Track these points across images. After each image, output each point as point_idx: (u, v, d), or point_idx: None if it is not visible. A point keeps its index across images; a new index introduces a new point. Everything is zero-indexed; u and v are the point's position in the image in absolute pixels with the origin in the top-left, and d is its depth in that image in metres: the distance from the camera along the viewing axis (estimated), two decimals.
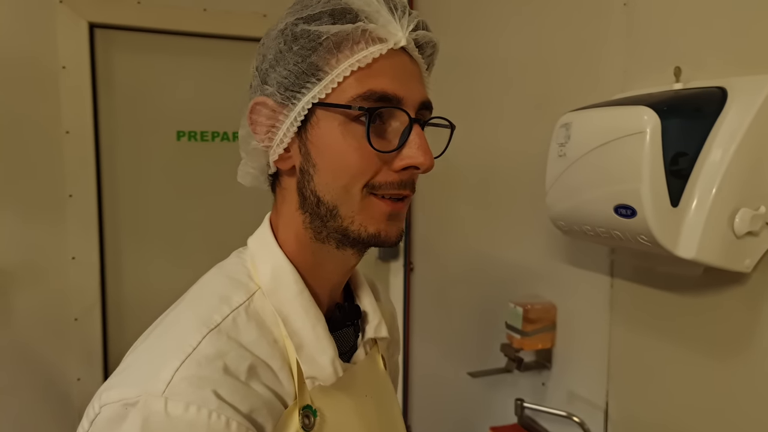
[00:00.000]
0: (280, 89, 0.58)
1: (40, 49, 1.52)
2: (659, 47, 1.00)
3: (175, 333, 0.56)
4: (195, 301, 0.60)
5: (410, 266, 1.88)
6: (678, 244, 0.83)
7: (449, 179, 1.67)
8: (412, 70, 0.60)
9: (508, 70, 1.43)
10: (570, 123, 0.96)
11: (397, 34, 0.58)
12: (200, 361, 0.52)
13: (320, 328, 0.60)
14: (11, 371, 1.53)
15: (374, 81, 0.56)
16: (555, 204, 1.01)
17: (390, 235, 0.60)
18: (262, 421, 0.53)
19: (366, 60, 0.56)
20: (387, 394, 0.73)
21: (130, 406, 0.49)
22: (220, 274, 0.63)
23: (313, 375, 0.59)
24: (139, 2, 1.59)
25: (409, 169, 0.58)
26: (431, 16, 1.73)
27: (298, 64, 0.57)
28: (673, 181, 0.83)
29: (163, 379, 0.50)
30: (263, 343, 0.57)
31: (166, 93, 1.67)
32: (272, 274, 0.61)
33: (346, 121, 0.57)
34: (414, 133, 0.58)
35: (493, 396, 1.49)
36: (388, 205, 0.59)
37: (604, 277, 1.13)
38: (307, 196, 0.60)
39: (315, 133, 0.58)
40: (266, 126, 0.60)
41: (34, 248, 1.56)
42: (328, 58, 0.56)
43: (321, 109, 0.58)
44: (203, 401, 0.50)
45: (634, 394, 1.08)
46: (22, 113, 1.52)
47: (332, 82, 0.56)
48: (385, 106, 0.57)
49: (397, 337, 0.84)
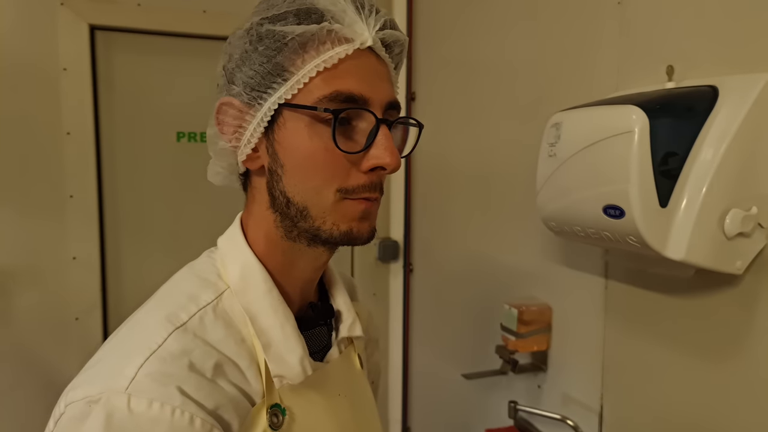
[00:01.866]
0: (246, 89, 0.58)
1: (41, 51, 1.53)
2: (652, 46, 0.99)
3: (141, 331, 0.56)
4: (163, 300, 0.60)
5: (410, 267, 1.88)
6: (667, 245, 0.82)
7: (448, 180, 1.67)
8: (379, 70, 0.60)
9: (503, 70, 1.42)
10: (560, 123, 0.95)
11: (363, 34, 0.57)
12: (165, 357, 0.52)
13: (289, 327, 0.60)
14: (12, 371, 1.55)
15: (340, 82, 0.56)
16: (546, 204, 1.00)
17: (362, 232, 0.59)
18: (228, 418, 0.53)
19: (332, 60, 0.56)
20: (363, 394, 0.73)
21: (93, 403, 0.49)
22: (190, 273, 0.63)
23: (281, 373, 0.59)
24: (139, 4, 1.60)
25: (377, 170, 0.58)
26: (427, 17, 1.74)
27: (263, 65, 0.57)
28: (662, 181, 0.82)
29: (127, 375, 0.50)
30: (230, 341, 0.57)
31: (165, 94, 1.68)
32: (241, 273, 0.61)
33: (313, 122, 0.57)
34: (381, 134, 0.58)
35: (489, 398, 1.48)
36: (360, 204, 0.59)
37: (598, 279, 1.12)
38: (276, 196, 0.60)
39: (282, 133, 0.58)
40: (233, 126, 0.60)
41: (36, 248, 1.57)
42: (294, 58, 0.56)
43: (287, 110, 0.57)
44: (167, 398, 0.50)
45: (629, 396, 1.07)
46: (23, 114, 1.53)
47: (298, 83, 0.56)
48: (352, 108, 0.56)
49: (375, 337, 0.84)
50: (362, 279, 1.91)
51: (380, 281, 1.92)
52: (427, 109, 1.78)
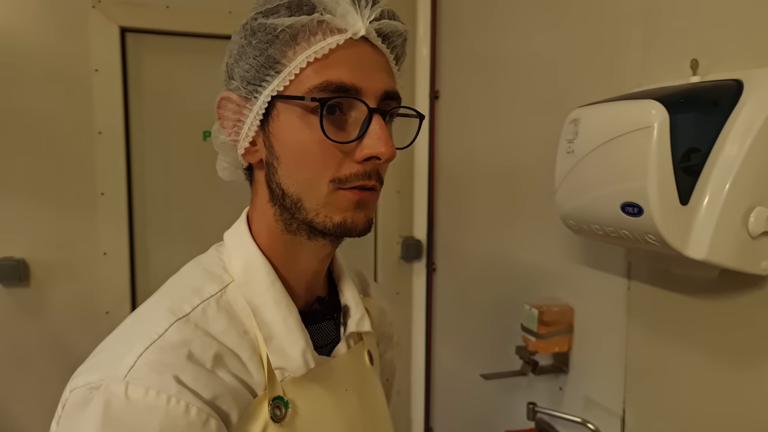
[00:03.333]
0: (243, 83, 0.59)
1: (74, 53, 1.58)
2: (677, 40, 0.96)
3: (144, 321, 0.57)
4: (168, 292, 0.61)
5: (433, 267, 1.87)
6: (688, 244, 0.79)
7: (472, 179, 1.65)
8: (375, 59, 0.59)
9: (526, 67, 1.40)
10: (578, 119, 0.93)
11: (355, 24, 0.57)
12: (164, 347, 0.53)
13: (291, 320, 0.60)
14: (45, 362, 1.60)
15: (331, 71, 0.56)
16: (564, 202, 0.98)
17: (357, 222, 0.59)
18: (226, 409, 0.54)
19: (323, 51, 0.56)
20: (372, 390, 0.72)
21: (94, 389, 0.51)
22: (196, 266, 0.64)
23: (282, 366, 0.59)
24: (168, 7, 1.63)
25: (371, 159, 0.57)
26: (451, 15, 1.73)
27: (256, 58, 0.57)
28: (683, 177, 0.79)
29: (126, 363, 0.51)
30: (232, 332, 0.58)
31: (193, 94, 1.71)
32: (245, 266, 0.61)
33: (305, 113, 0.57)
34: (374, 123, 0.57)
35: (511, 399, 1.46)
36: (355, 194, 0.58)
37: (621, 280, 1.09)
38: (274, 189, 0.60)
39: (276, 125, 0.58)
40: (233, 120, 0.61)
41: (68, 244, 1.62)
42: (285, 50, 0.56)
43: (281, 102, 0.58)
44: (163, 386, 0.50)
45: (652, 401, 1.04)
46: (57, 115, 1.58)
47: (290, 74, 0.56)
48: (340, 96, 0.56)
49: (390, 333, 0.83)
50: (385, 278, 1.91)
51: (403, 280, 1.92)
52: (451, 107, 1.77)
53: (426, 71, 1.80)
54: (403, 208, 1.89)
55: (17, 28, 1.54)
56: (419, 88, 1.81)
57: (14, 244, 1.57)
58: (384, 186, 0.62)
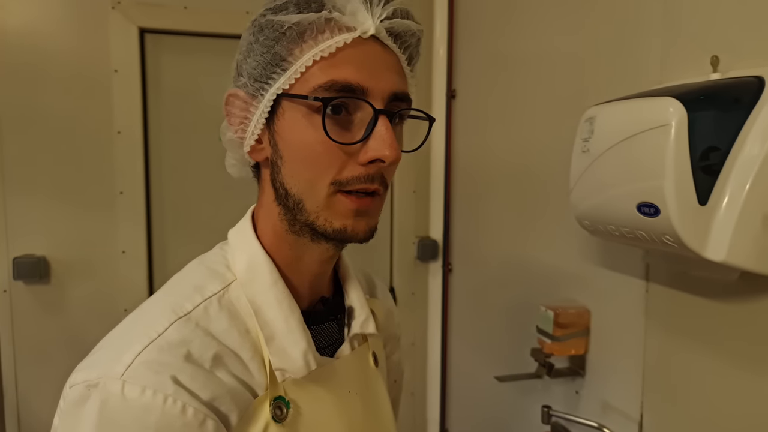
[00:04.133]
0: (250, 80, 0.58)
1: (93, 54, 1.60)
2: (697, 36, 0.93)
3: (144, 319, 0.57)
4: (170, 290, 0.61)
5: (449, 267, 1.85)
6: (706, 246, 0.77)
7: (489, 179, 1.64)
8: (385, 59, 0.58)
9: (544, 65, 1.38)
10: (594, 117, 0.91)
11: (365, 23, 0.56)
12: (162, 346, 0.53)
13: (293, 320, 0.59)
14: (64, 358, 1.62)
15: (337, 71, 0.55)
16: (579, 202, 0.96)
17: (357, 230, 0.58)
18: (225, 410, 0.53)
19: (329, 49, 0.55)
20: (376, 392, 0.72)
21: (92, 387, 0.51)
22: (199, 264, 0.64)
23: (282, 367, 0.58)
24: (186, 7, 1.65)
25: (375, 162, 0.56)
26: (468, 14, 1.72)
27: (263, 55, 0.57)
28: (701, 177, 0.77)
29: (124, 362, 0.51)
30: (234, 332, 0.57)
31: (210, 94, 1.72)
32: (248, 264, 0.61)
33: (310, 113, 0.56)
34: (379, 125, 0.56)
35: (527, 401, 1.44)
36: (353, 202, 0.57)
37: (639, 282, 1.07)
38: (278, 188, 0.60)
39: (281, 124, 0.58)
40: (239, 117, 0.60)
41: (88, 242, 1.64)
42: (292, 47, 0.56)
43: (286, 100, 0.57)
44: (159, 386, 0.50)
45: (671, 406, 1.01)
46: (77, 115, 1.61)
47: (296, 72, 0.56)
48: (344, 96, 0.55)
49: (396, 335, 0.82)
50: (401, 278, 1.90)
51: (419, 281, 1.91)
52: (468, 106, 1.75)
53: (443, 70, 1.78)
54: (419, 208, 1.88)
55: (40, 30, 1.57)
56: (436, 87, 1.80)
57: (35, 242, 1.60)
58: (400, 186, 0.61)
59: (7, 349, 1.61)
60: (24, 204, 1.59)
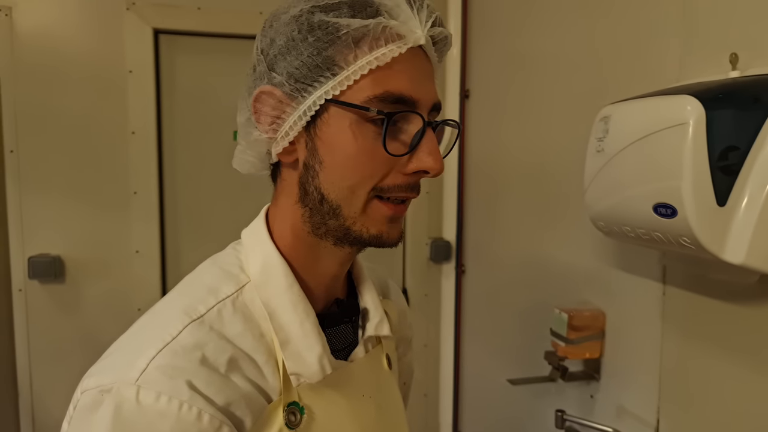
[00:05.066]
0: (290, 80, 0.55)
1: (108, 55, 1.61)
2: (716, 33, 0.91)
3: (157, 322, 0.56)
4: (184, 291, 0.60)
5: (462, 268, 1.84)
6: (724, 248, 0.75)
7: (502, 180, 1.62)
8: (427, 69, 0.58)
9: (559, 64, 1.36)
10: (609, 116, 0.89)
11: (416, 32, 0.55)
12: (177, 350, 0.52)
13: (309, 324, 0.58)
14: (79, 357, 1.63)
15: (391, 82, 0.54)
16: (593, 203, 0.95)
17: (392, 236, 0.58)
18: (240, 415, 0.52)
19: (385, 59, 0.53)
20: (390, 396, 0.70)
21: (105, 392, 0.50)
22: (213, 265, 0.62)
23: (298, 372, 0.57)
24: (200, 8, 1.65)
25: (419, 173, 0.56)
26: (482, 13, 1.70)
27: (312, 56, 0.54)
28: (720, 177, 0.75)
29: (138, 367, 0.50)
30: (248, 336, 0.56)
31: (224, 94, 1.73)
32: (262, 267, 0.59)
33: (360, 121, 0.54)
34: (426, 137, 0.56)
35: (541, 405, 1.42)
36: (390, 209, 0.57)
37: (656, 284, 1.05)
38: (310, 192, 0.58)
39: (325, 130, 0.56)
40: (271, 117, 0.57)
41: (103, 242, 1.66)
42: (346, 53, 0.54)
43: (334, 106, 0.55)
44: (175, 391, 0.49)
45: (688, 412, 0.99)
46: (92, 115, 1.62)
47: (348, 79, 0.54)
48: (403, 111, 0.54)
49: (408, 336, 0.81)
50: (414, 279, 1.89)
51: (432, 282, 1.89)
52: (481, 106, 1.74)
53: (456, 70, 1.77)
54: (433, 208, 1.86)
55: (56, 32, 1.59)
56: (449, 87, 1.79)
57: (50, 242, 1.62)
58: None
59: (23, 348, 1.62)
60: (39, 203, 1.60)
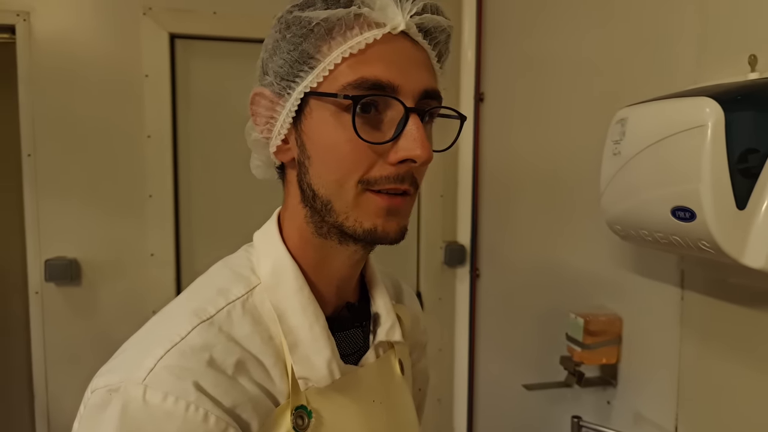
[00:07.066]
0: (276, 79, 0.56)
1: (125, 59, 1.63)
2: (734, 34, 0.90)
3: (167, 322, 0.56)
4: (194, 293, 0.60)
5: (476, 272, 1.83)
6: (744, 252, 0.74)
7: (517, 183, 1.61)
8: (415, 56, 0.56)
9: (575, 67, 1.35)
10: (626, 118, 0.88)
11: (395, 18, 0.54)
12: (185, 351, 0.52)
13: (318, 328, 0.58)
14: (94, 359, 1.63)
15: (367, 68, 0.53)
16: (610, 207, 0.94)
17: (388, 230, 0.56)
18: (246, 417, 0.52)
19: (359, 46, 0.53)
20: (401, 402, 0.69)
21: (113, 392, 0.50)
22: (224, 267, 0.62)
23: (306, 375, 0.57)
24: (215, 12, 1.66)
25: (406, 162, 0.54)
26: (497, 17, 1.69)
27: (290, 52, 0.55)
28: (740, 180, 0.74)
29: (146, 366, 0.50)
30: (257, 338, 0.56)
31: (239, 98, 1.70)
32: (273, 269, 0.59)
33: (338, 111, 0.54)
34: (411, 124, 0.54)
35: (556, 411, 1.40)
36: (384, 200, 0.55)
37: (674, 289, 1.03)
38: (305, 190, 0.58)
39: (308, 123, 0.56)
40: (265, 117, 0.59)
41: (118, 245, 1.67)
42: (320, 45, 0.54)
43: (314, 99, 0.55)
44: (182, 392, 0.49)
45: (707, 419, 0.97)
46: (109, 118, 1.64)
47: (324, 70, 0.54)
48: (375, 94, 0.53)
49: (422, 342, 0.80)
50: (428, 283, 1.88)
51: (446, 286, 1.88)
52: (496, 109, 1.73)
53: (471, 73, 1.77)
54: (447, 212, 1.86)
55: (73, 37, 1.61)
56: (464, 90, 1.78)
57: (67, 245, 1.63)
58: (427, 190, 0.60)
59: (39, 350, 1.64)
60: (56, 207, 1.62)
